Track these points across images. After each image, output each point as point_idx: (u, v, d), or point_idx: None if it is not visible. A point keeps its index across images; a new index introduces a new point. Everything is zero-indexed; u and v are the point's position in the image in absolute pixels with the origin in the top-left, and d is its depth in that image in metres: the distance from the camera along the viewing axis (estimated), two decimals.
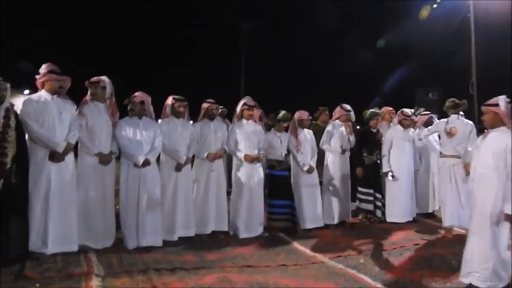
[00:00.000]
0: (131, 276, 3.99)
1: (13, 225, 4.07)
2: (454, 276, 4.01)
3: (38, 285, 3.69)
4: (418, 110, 7.85)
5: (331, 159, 6.49)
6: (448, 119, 5.82)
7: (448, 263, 4.50)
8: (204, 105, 5.67)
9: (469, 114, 7.68)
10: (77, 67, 18.73)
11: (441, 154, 6.05)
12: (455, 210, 5.57)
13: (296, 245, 5.27)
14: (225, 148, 5.73)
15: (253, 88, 20.71)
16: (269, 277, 4.08)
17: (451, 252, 4.78)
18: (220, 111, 7.30)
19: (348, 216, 6.56)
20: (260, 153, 5.77)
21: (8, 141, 4.08)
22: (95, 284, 3.76)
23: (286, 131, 6.20)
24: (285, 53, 23.68)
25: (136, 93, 5.09)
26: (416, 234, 5.86)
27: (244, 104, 5.81)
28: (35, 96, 4.53)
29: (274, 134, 6.11)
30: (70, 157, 4.61)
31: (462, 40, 16.87)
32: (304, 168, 6.09)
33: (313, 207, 6.16)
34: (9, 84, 4.19)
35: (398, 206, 6.54)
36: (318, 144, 6.47)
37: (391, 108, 7.27)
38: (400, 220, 6.48)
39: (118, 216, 4.98)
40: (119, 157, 5.07)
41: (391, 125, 6.96)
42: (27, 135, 4.37)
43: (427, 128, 6.58)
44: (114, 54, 22.61)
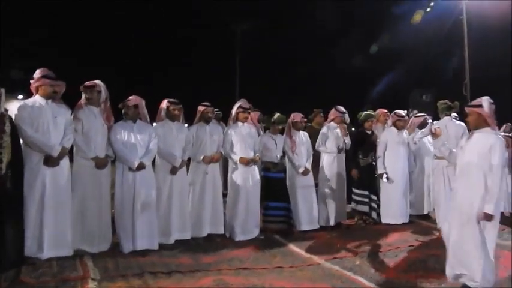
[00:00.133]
0: (127, 280, 3.99)
1: (8, 230, 4.04)
2: None
3: None
4: (412, 112, 7.89)
5: (326, 161, 6.51)
6: (440, 120, 5.86)
7: (443, 264, 4.49)
8: (200, 108, 5.68)
9: (462, 116, 7.72)
10: (77, 67, 18.80)
11: (435, 156, 6.09)
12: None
13: (292, 247, 5.28)
14: (221, 151, 5.74)
15: (250, 89, 20.76)
16: (265, 279, 4.09)
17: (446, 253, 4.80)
18: (215, 114, 7.30)
19: (344, 218, 6.58)
20: (256, 155, 5.79)
21: (3, 147, 4.07)
22: None
23: (281, 133, 6.23)
24: (283, 53, 23.77)
25: (130, 97, 5.10)
26: (411, 235, 5.89)
27: (240, 106, 5.82)
28: (30, 101, 4.53)
29: (269, 136, 6.13)
30: (65, 161, 4.60)
31: (455, 42, 17.00)
32: (300, 170, 6.11)
33: (309, 209, 6.18)
34: (3, 90, 4.18)
35: (393, 207, 6.58)
36: (313, 146, 6.49)
37: (385, 110, 7.31)
38: (395, 221, 6.51)
39: (114, 220, 4.98)
40: (114, 161, 5.07)
41: (386, 126, 7.00)
42: (22, 140, 4.36)
43: (421, 130, 6.62)
44: (114, 54, 22.63)
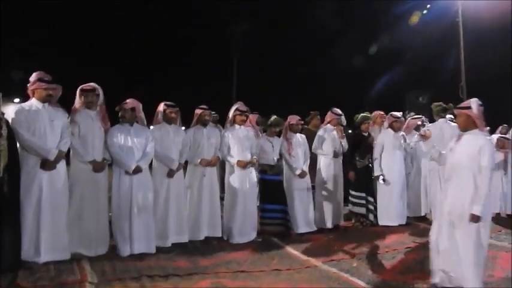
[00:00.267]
0: (124, 283, 3.98)
1: (5, 234, 4.04)
2: None
3: None
4: (409, 113, 7.93)
5: (323, 163, 6.52)
6: (435, 123, 5.87)
7: None
8: (197, 112, 5.69)
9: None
10: (77, 67, 18.75)
11: (431, 157, 6.10)
12: None
13: (289, 249, 5.28)
14: (219, 155, 5.74)
15: (250, 89, 20.81)
16: (263, 282, 4.10)
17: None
18: (212, 117, 7.29)
19: (341, 220, 6.59)
20: (253, 158, 5.80)
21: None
22: None
23: (278, 136, 6.24)
24: (282, 54, 23.74)
25: (127, 100, 5.09)
26: (408, 237, 5.90)
27: (237, 109, 5.83)
28: (26, 104, 4.52)
29: (265, 138, 6.14)
30: (62, 165, 4.59)
31: (452, 44, 17.08)
32: (297, 173, 6.12)
33: (306, 211, 6.19)
34: (0, 94, 4.18)
35: (390, 209, 6.59)
36: (310, 148, 6.50)
37: (382, 112, 7.33)
38: (392, 223, 6.52)
39: (111, 224, 4.97)
40: (111, 164, 5.06)
41: (382, 128, 7.02)
42: (18, 144, 4.35)
43: (418, 132, 6.65)
44: (114, 54, 22.57)
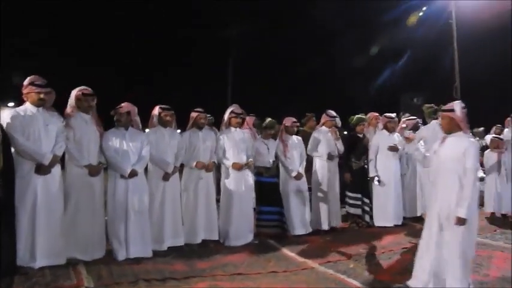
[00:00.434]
0: (121, 287, 3.96)
1: (0, 239, 4.01)
2: None
3: None
4: (404, 115, 7.97)
5: (319, 165, 6.53)
6: (428, 125, 5.90)
7: None
8: (193, 115, 5.68)
9: None
10: (77, 67, 18.66)
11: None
12: None
13: (286, 251, 5.28)
14: (214, 160, 5.73)
15: (247, 91, 20.77)
16: (260, 284, 4.10)
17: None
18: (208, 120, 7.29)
19: (338, 222, 6.59)
20: (249, 160, 5.79)
21: None
22: None
23: (273, 138, 6.24)
24: (278, 55, 23.77)
25: (122, 104, 5.08)
26: (404, 237, 5.93)
27: (232, 111, 5.83)
28: (21, 109, 4.49)
29: (261, 141, 6.14)
30: (56, 169, 4.56)
31: (446, 46, 17.18)
32: (292, 174, 6.13)
33: (302, 213, 6.19)
34: None
35: (386, 210, 6.62)
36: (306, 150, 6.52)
37: (377, 113, 7.37)
38: (388, 224, 6.55)
39: (107, 228, 4.95)
40: (106, 168, 5.05)
41: (377, 130, 7.05)
42: (13, 149, 4.33)
43: (414, 132, 6.70)
44: (114, 54, 22.49)
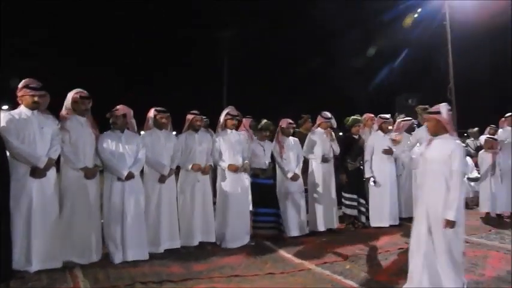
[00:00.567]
0: None
1: None
2: None
3: None
4: (399, 116, 8.00)
5: (315, 166, 6.54)
6: (423, 126, 5.92)
7: None
8: (189, 117, 5.68)
9: None
10: (77, 67, 18.64)
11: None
12: None
13: (282, 252, 5.29)
14: (211, 163, 5.73)
15: (246, 91, 20.78)
16: (257, 286, 4.10)
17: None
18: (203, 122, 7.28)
19: (335, 223, 6.59)
20: (245, 162, 5.80)
21: None
22: None
23: (269, 140, 6.26)
24: (276, 56, 23.82)
25: (118, 106, 5.08)
26: (400, 238, 5.93)
27: (228, 113, 5.84)
28: (15, 112, 4.47)
29: (257, 142, 6.15)
30: (52, 172, 4.54)
31: (440, 47, 17.28)
32: (288, 175, 6.14)
33: (299, 214, 6.20)
34: None
35: (382, 210, 6.64)
36: None
37: (372, 114, 7.39)
38: (384, 225, 6.57)
39: (103, 230, 4.94)
40: (102, 171, 5.04)
41: (372, 131, 7.07)
42: (8, 152, 4.31)
43: (408, 133, 6.74)
44: (114, 54, 22.51)
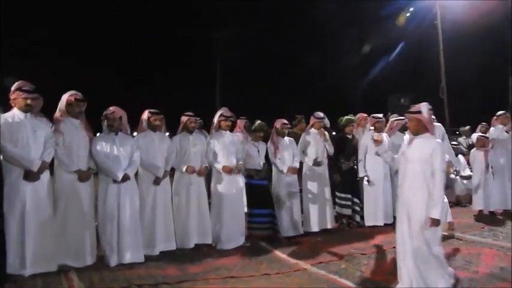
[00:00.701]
0: None
1: None
2: None
3: None
4: (391, 115, 8.03)
5: (309, 167, 6.56)
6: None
7: None
8: (183, 119, 5.68)
9: (439, 118, 7.92)
10: (77, 67, 18.56)
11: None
12: None
13: (278, 253, 5.30)
14: (207, 165, 5.73)
15: (250, 89, 20.80)
16: (253, 286, 4.11)
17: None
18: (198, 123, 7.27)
19: (329, 223, 6.60)
20: (239, 163, 5.80)
21: None
22: None
23: (263, 141, 6.27)
24: (268, 57, 23.84)
25: (112, 109, 5.04)
26: (395, 237, 5.94)
27: (221, 115, 5.84)
28: (8, 115, 4.44)
29: (251, 143, 6.16)
30: (45, 175, 4.53)
31: (432, 47, 17.41)
32: (284, 170, 6.14)
33: (293, 215, 6.21)
34: None
35: (376, 209, 6.67)
36: None
37: (365, 114, 7.42)
38: (378, 223, 6.60)
39: (98, 233, 4.92)
40: (96, 173, 5.02)
41: (365, 130, 7.10)
42: (1, 156, 4.28)
43: (402, 132, 6.77)
44: (114, 54, 22.45)
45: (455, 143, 9.60)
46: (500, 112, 7.66)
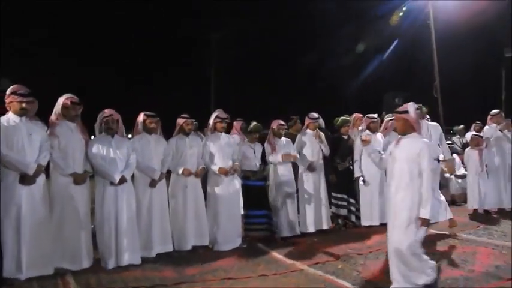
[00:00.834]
0: None
1: None
2: None
3: None
4: (386, 115, 8.06)
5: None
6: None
7: None
8: (179, 121, 5.68)
9: (433, 117, 7.96)
10: (77, 67, 18.42)
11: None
12: None
13: (275, 254, 5.31)
14: (204, 166, 5.73)
15: (250, 89, 20.77)
16: (250, 287, 4.11)
17: (426, 252, 4.91)
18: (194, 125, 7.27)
19: (325, 223, 6.62)
20: (235, 164, 5.81)
21: None
22: None
23: (259, 142, 6.28)
24: (265, 58, 23.84)
25: (108, 111, 5.02)
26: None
27: (217, 116, 5.84)
28: (3, 119, 4.43)
29: (247, 145, 6.17)
30: (41, 179, 4.51)
31: (426, 46, 17.48)
32: (278, 159, 6.14)
33: (290, 215, 6.22)
34: None
35: (372, 209, 6.70)
36: None
37: (361, 114, 7.44)
38: (374, 223, 6.63)
39: (94, 236, 4.92)
40: (92, 176, 5.01)
41: (358, 130, 7.12)
42: None
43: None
44: (114, 54, 22.30)
45: (450, 142, 9.66)
46: (495, 111, 7.72)
